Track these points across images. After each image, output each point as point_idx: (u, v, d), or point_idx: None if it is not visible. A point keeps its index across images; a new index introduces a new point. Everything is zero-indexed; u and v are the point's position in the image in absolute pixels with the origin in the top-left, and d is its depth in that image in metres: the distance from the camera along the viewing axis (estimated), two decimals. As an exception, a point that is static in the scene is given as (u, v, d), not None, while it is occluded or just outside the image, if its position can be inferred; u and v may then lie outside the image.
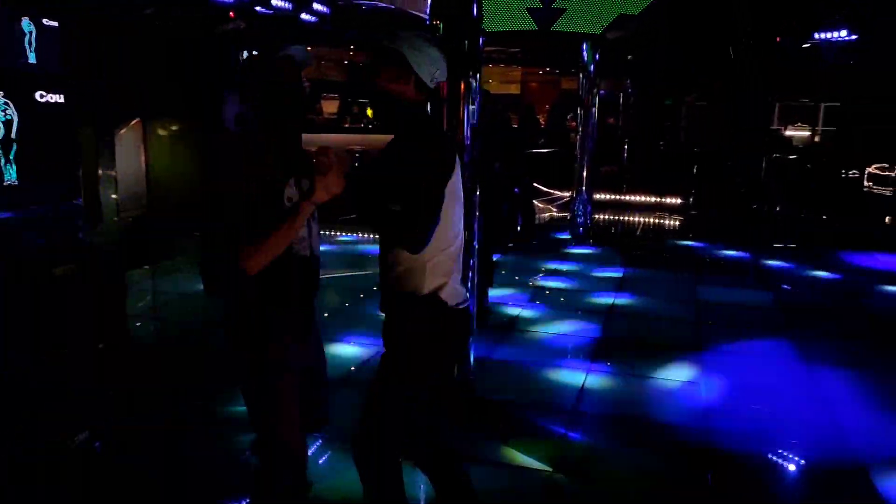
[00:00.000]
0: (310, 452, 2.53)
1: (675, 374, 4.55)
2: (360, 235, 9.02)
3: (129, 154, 8.21)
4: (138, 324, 5.46)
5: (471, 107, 3.83)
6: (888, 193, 12.73)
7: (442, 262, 2.24)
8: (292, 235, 2.05)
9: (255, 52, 2.32)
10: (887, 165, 12.66)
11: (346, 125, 13.30)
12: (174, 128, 8.83)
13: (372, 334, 5.03)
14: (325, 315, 5.63)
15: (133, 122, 8.27)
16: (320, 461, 3.37)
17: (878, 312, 6.24)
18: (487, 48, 13.98)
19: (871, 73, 16.87)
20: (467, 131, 3.82)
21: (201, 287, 2.54)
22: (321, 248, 2.36)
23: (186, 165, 8.59)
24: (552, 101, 20.59)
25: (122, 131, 8.15)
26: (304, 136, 2.32)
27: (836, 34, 15.00)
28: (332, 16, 9.45)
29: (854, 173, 13.44)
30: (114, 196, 7.91)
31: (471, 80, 3.80)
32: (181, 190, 8.55)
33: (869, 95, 17.66)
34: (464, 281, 3.18)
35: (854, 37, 14.94)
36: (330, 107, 13.50)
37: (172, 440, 3.62)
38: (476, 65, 3.84)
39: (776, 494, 3.30)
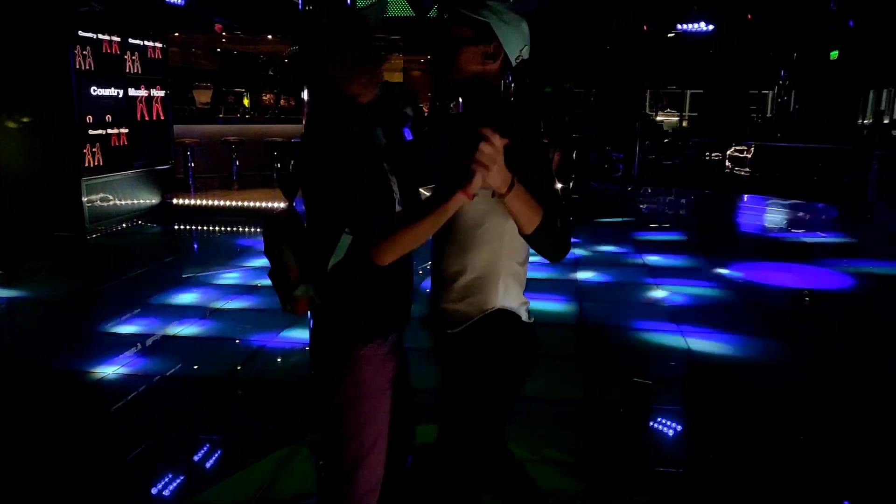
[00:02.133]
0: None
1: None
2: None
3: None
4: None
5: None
6: (744, 174, 13.71)
7: (518, 272, 1.91)
8: (434, 228, 1.73)
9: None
10: (744, 148, 13.60)
11: (221, 115, 12.70)
12: (25, 120, 8.10)
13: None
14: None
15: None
16: None
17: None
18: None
19: (726, 61, 18.08)
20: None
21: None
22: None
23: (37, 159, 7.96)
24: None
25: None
26: (177, 127, 2.04)
27: (695, 25, 15.95)
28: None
29: (717, 155, 14.33)
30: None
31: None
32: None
33: (726, 82, 18.94)
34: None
35: (711, 27, 15.94)
36: (202, 96, 12.83)
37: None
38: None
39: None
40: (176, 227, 9.48)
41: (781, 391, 4.19)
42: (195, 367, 4.54)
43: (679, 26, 15.02)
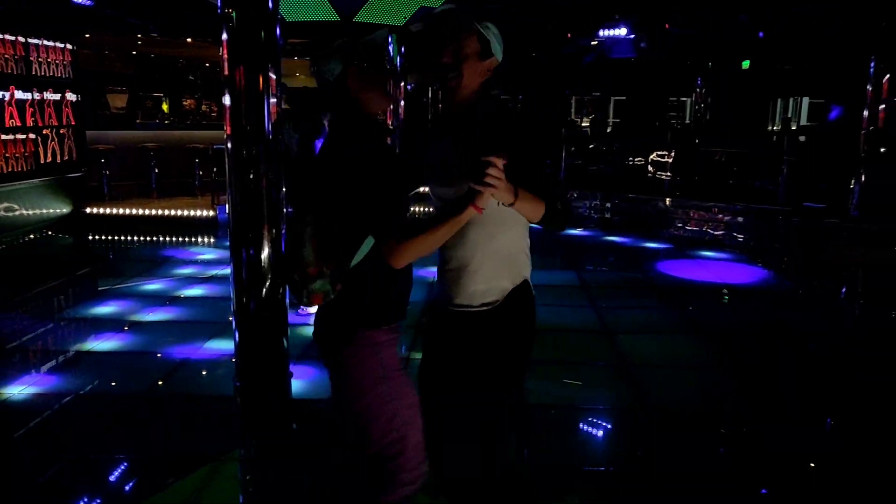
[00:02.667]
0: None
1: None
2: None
3: None
4: None
5: (272, 100, 3.61)
6: (666, 177, 14.14)
7: (528, 245, 2.20)
8: (447, 237, 2.00)
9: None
10: (665, 153, 14.04)
11: (139, 121, 12.21)
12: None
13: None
14: (121, 333, 5.07)
15: None
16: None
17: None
18: (292, 40, 13.54)
19: (646, 69, 18.67)
20: (268, 126, 3.59)
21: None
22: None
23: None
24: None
25: None
26: (90, 133, 1.96)
27: (616, 32, 16.40)
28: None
29: (640, 160, 14.73)
30: None
31: (270, 73, 3.58)
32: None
33: (647, 89, 19.55)
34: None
35: (632, 35, 16.43)
36: (117, 101, 12.31)
37: None
38: (275, 57, 3.62)
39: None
40: (90, 237, 9.02)
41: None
42: (112, 383, 4.30)
43: (601, 34, 15.42)
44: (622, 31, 15.49)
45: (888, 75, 10.80)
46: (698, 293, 6.59)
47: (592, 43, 15.90)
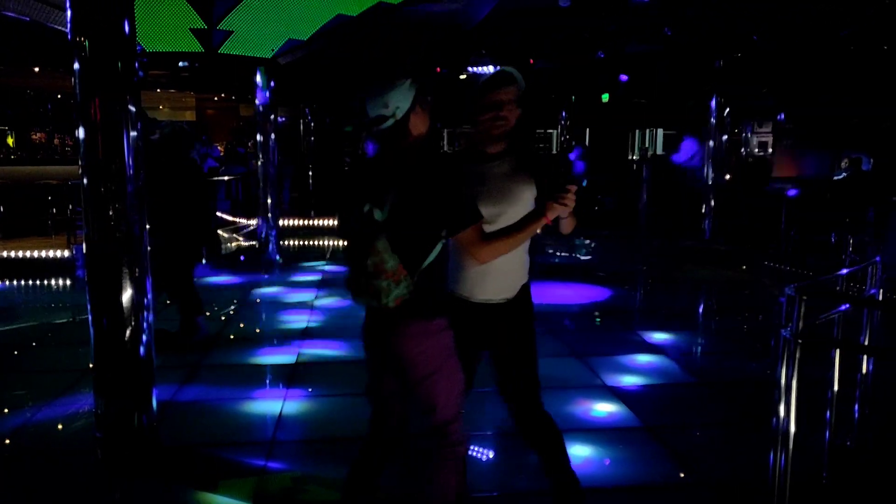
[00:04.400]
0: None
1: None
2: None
3: None
4: None
5: (132, 133, 3.42)
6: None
7: None
8: (524, 241, 2.58)
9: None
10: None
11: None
12: None
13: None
14: None
15: None
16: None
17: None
18: (154, 71, 12.97)
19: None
20: (129, 160, 3.39)
21: None
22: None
23: None
24: (232, 128, 19.92)
25: None
26: None
27: (483, 68, 16.96)
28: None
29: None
30: None
31: (129, 104, 3.39)
32: None
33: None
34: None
35: (498, 68, 17.04)
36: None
37: None
38: (133, 88, 3.44)
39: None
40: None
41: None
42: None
43: (470, 69, 15.88)
44: (489, 68, 16.05)
45: (727, 109, 11.84)
46: (559, 314, 6.77)
47: (462, 77, 16.35)
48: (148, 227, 3.58)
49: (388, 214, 2.33)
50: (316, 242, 11.72)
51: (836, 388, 3.35)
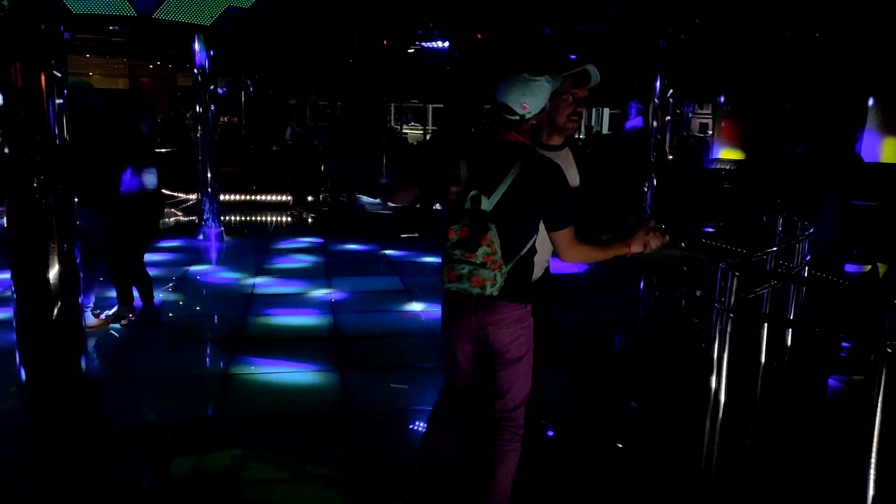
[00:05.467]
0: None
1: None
2: None
3: None
4: None
5: (58, 101, 3.26)
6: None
7: None
8: (604, 259, 2.76)
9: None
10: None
11: None
12: None
13: None
14: None
15: None
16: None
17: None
18: (83, 35, 12.40)
19: (462, 78, 19.34)
20: (55, 129, 3.24)
21: None
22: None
23: None
24: (169, 98, 19.29)
25: None
26: None
27: (433, 43, 16.82)
28: None
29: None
30: None
31: (54, 70, 3.22)
32: None
33: (462, 98, 20.24)
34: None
35: (447, 45, 16.92)
36: None
37: None
38: (59, 53, 3.27)
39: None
40: None
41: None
42: None
43: (418, 42, 15.71)
44: (438, 42, 15.92)
45: (671, 90, 12.03)
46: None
47: (410, 51, 16.17)
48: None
49: (497, 204, 2.42)
50: (259, 218, 11.49)
51: (762, 359, 3.49)
